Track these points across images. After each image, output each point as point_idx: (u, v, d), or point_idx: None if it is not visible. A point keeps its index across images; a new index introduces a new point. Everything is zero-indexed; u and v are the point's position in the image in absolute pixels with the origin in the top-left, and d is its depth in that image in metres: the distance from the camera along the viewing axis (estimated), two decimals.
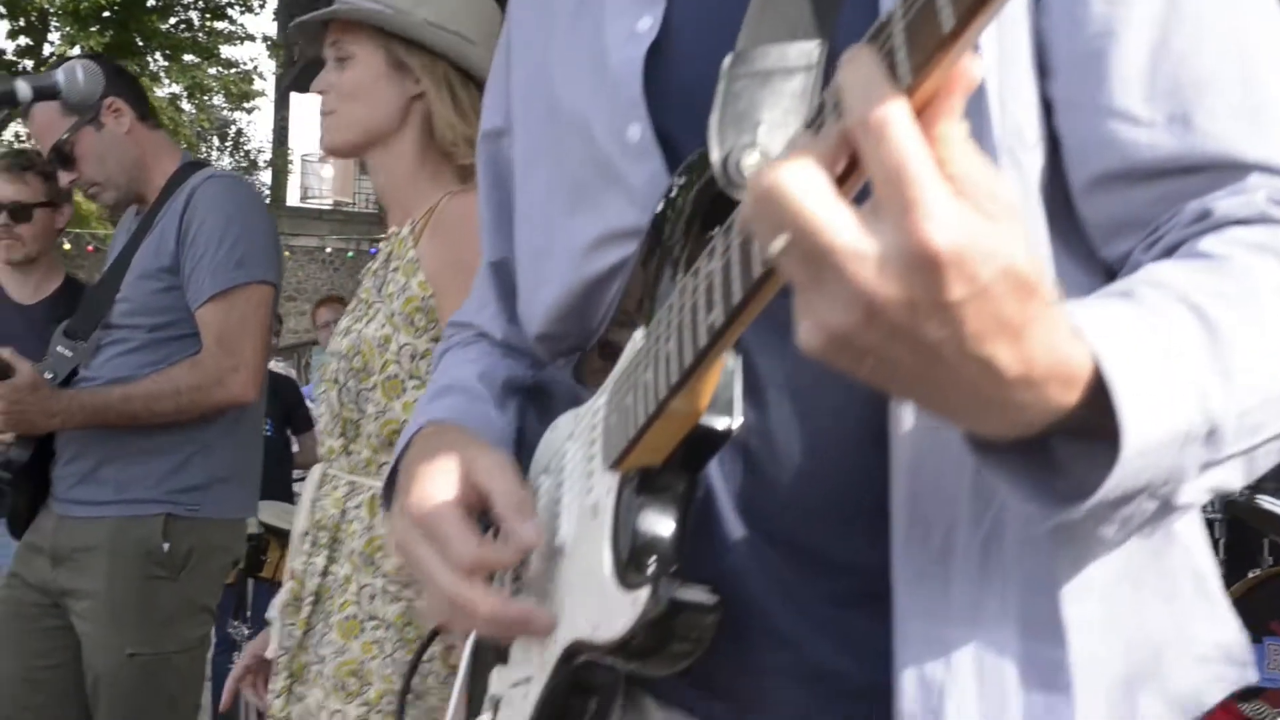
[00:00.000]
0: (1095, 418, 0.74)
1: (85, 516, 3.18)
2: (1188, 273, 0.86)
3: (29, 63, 24.84)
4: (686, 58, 1.06)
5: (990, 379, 0.70)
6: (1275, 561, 4.77)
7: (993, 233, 0.65)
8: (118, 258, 3.30)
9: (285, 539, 4.52)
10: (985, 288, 0.65)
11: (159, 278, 3.20)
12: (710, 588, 0.90)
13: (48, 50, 25.22)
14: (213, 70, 27.98)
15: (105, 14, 24.54)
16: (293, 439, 6.57)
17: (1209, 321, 0.81)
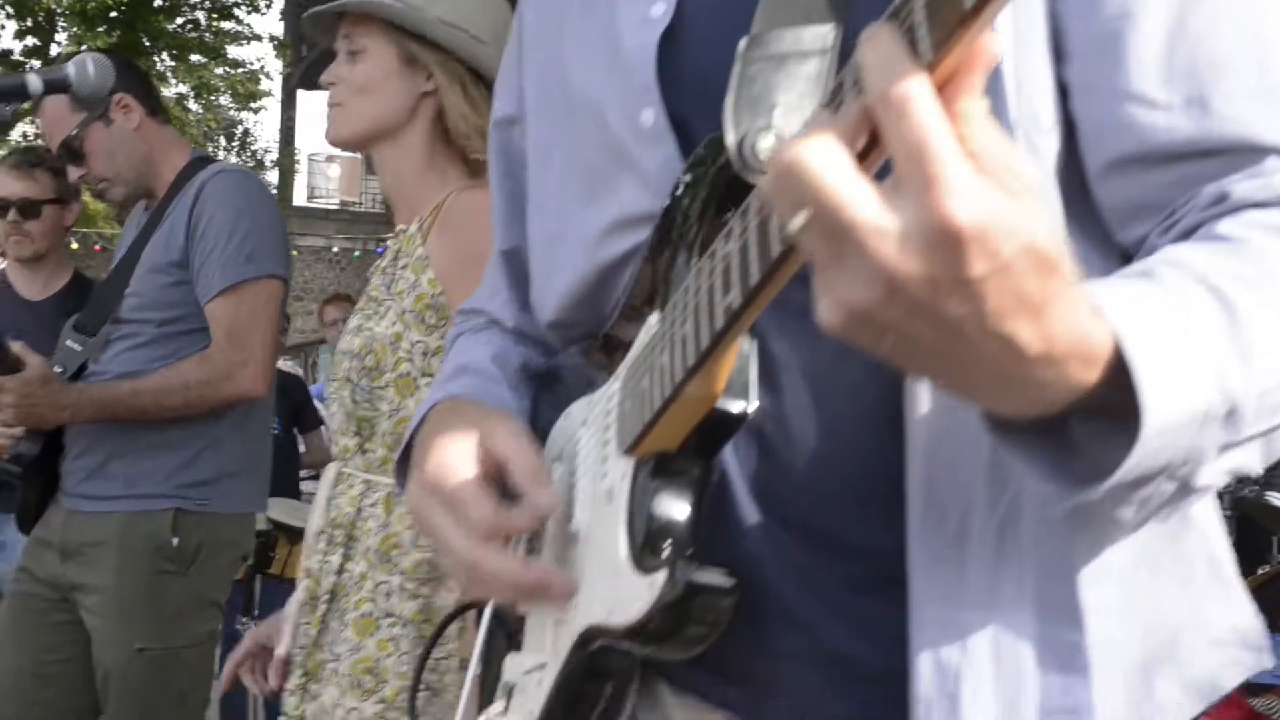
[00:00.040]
0: (1114, 397, 0.74)
1: (94, 511, 3.18)
2: (1206, 255, 0.86)
3: (36, 63, 24.83)
4: (700, 43, 1.06)
5: (1011, 356, 0.69)
6: None
7: (1014, 209, 0.65)
8: (127, 252, 3.31)
9: (294, 536, 4.53)
10: (1007, 264, 0.65)
11: (168, 272, 3.20)
12: (727, 571, 0.90)
13: (55, 50, 25.24)
14: (219, 70, 28.00)
15: (112, 14, 24.58)
16: (299, 438, 6.58)
17: (1228, 303, 0.81)
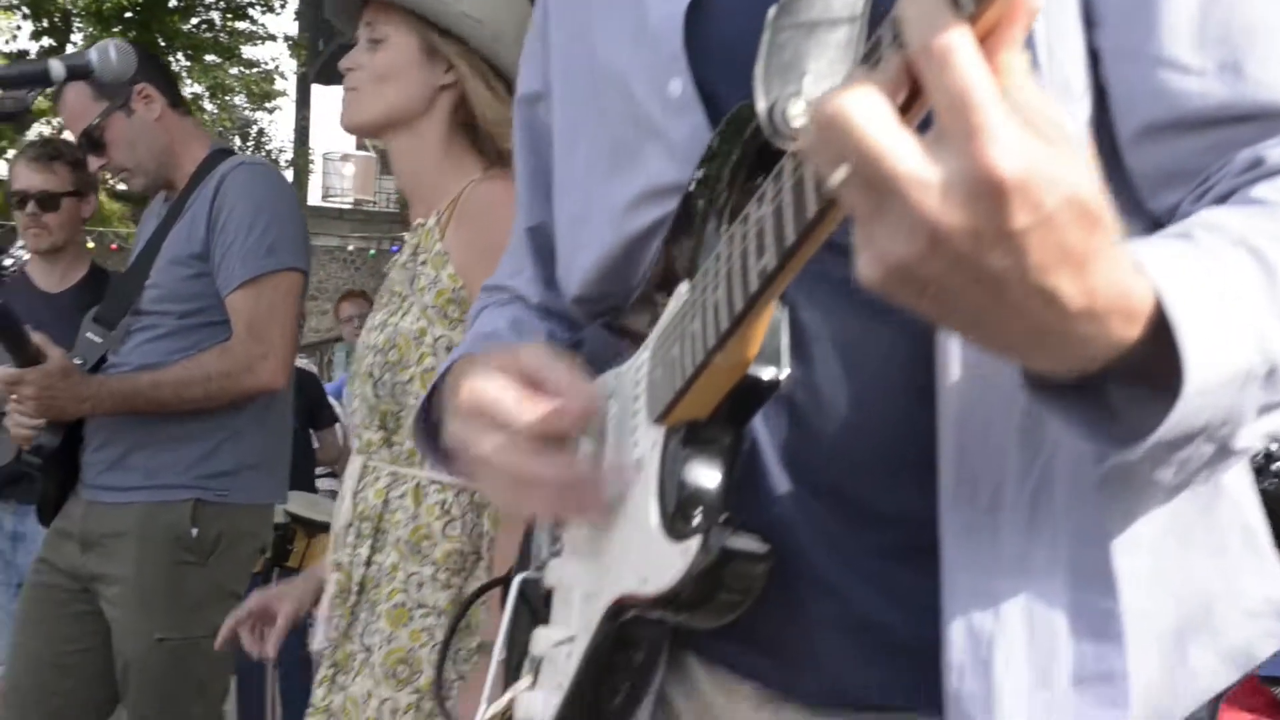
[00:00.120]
0: (1154, 356, 0.74)
1: (114, 502, 3.19)
2: (1244, 217, 0.85)
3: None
4: (727, 12, 1.06)
5: (1053, 311, 0.69)
6: None
7: (1058, 161, 0.64)
8: (147, 244, 3.32)
9: (312, 529, 4.53)
10: (1050, 216, 0.65)
11: (189, 264, 3.21)
12: (760, 536, 0.90)
13: (70, 50, 25.35)
14: (234, 70, 28.10)
15: (128, 14, 24.67)
16: (314, 435, 6.58)
17: (1267, 264, 0.81)
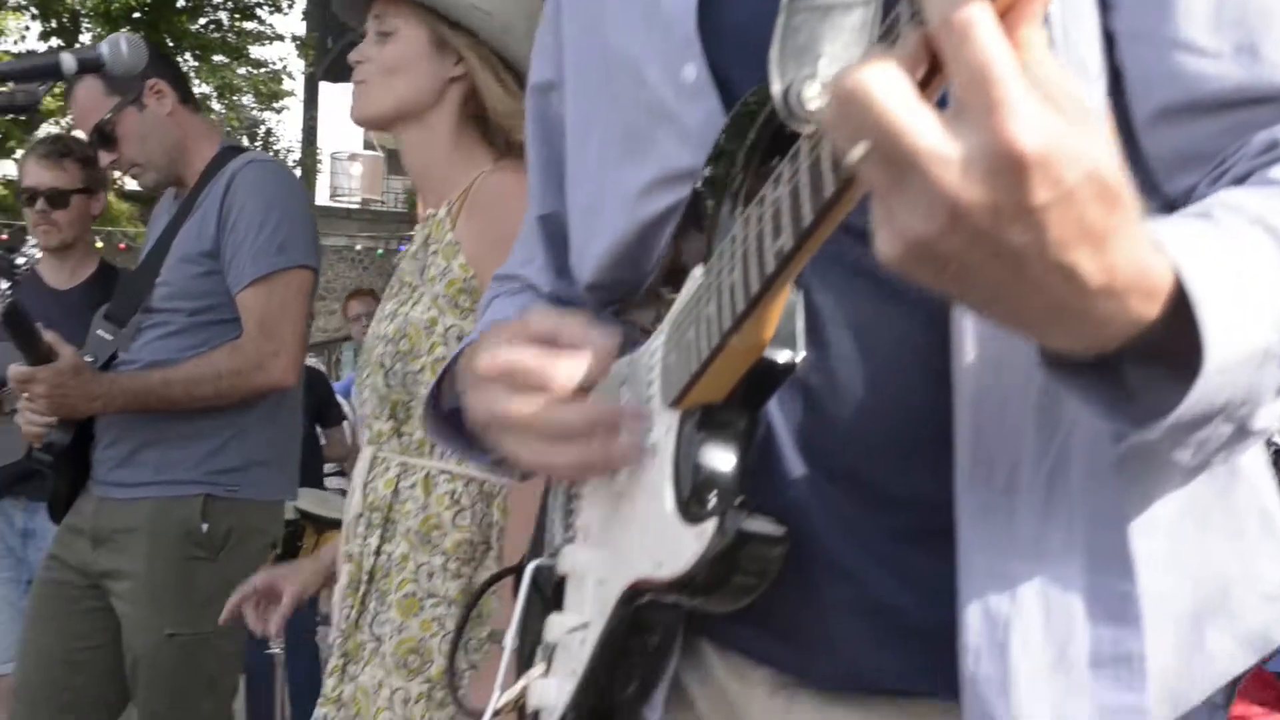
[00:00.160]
0: (1173, 335, 0.73)
1: (125, 498, 3.19)
2: (1262, 198, 0.85)
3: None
4: None
5: (1072, 288, 0.69)
6: None
7: (1078, 136, 0.64)
8: (157, 242, 3.32)
9: (322, 525, 4.54)
10: (1070, 191, 0.64)
11: (199, 262, 3.21)
12: (776, 519, 0.90)
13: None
14: (242, 70, 28.08)
15: (135, 15, 24.67)
16: (321, 433, 6.59)
17: None
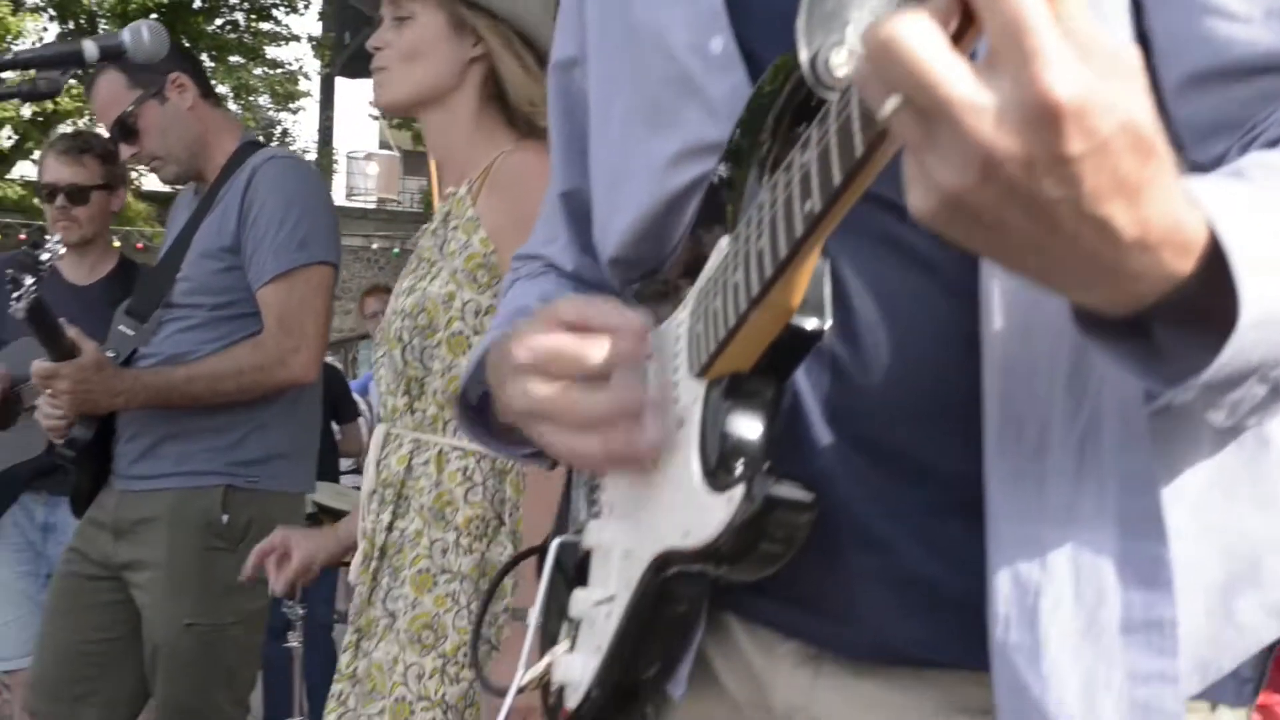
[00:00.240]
0: (1206, 292, 0.73)
1: (146, 489, 3.21)
2: None
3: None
4: None
5: (1106, 241, 0.68)
6: None
7: (1113, 87, 0.64)
8: (178, 237, 3.34)
9: (339, 519, 4.53)
10: (1105, 142, 0.64)
11: (220, 257, 3.23)
12: (805, 485, 0.90)
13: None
14: (258, 71, 28.13)
15: (152, 15, 24.76)
16: (336, 429, 6.61)
17: None
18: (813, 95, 0.92)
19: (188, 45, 25.01)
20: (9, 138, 24.34)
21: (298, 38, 28.17)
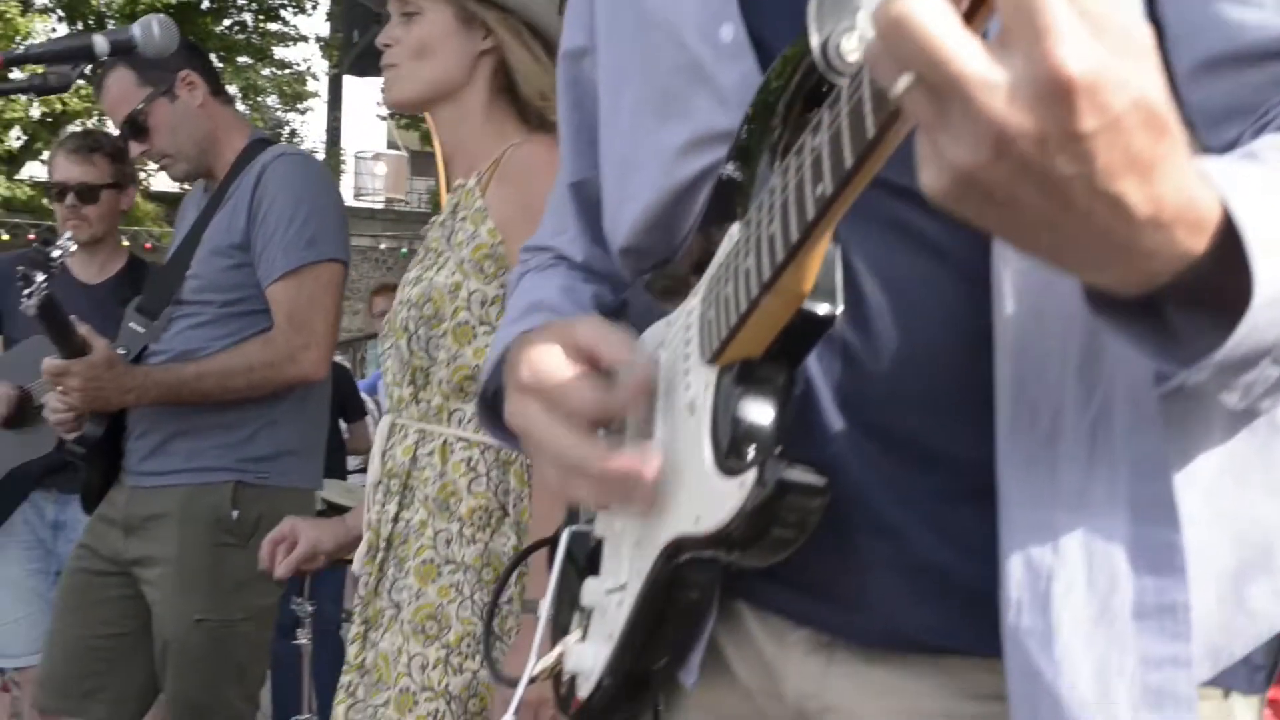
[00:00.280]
0: (1219, 270, 0.73)
1: (156, 485, 3.22)
2: None
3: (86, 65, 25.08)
4: None
5: (1119, 219, 0.68)
6: None
7: (1126, 64, 0.64)
8: (187, 235, 3.34)
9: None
10: (1117, 118, 0.64)
11: (230, 255, 3.24)
12: (817, 470, 0.89)
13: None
14: (266, 71, 28.20)
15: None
16: (344, 428, 6.61)
17: None
18: (824, 81, 0.92)
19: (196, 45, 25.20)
20: (18, 138, 24.41)
21: (305, 38, 28.33)
